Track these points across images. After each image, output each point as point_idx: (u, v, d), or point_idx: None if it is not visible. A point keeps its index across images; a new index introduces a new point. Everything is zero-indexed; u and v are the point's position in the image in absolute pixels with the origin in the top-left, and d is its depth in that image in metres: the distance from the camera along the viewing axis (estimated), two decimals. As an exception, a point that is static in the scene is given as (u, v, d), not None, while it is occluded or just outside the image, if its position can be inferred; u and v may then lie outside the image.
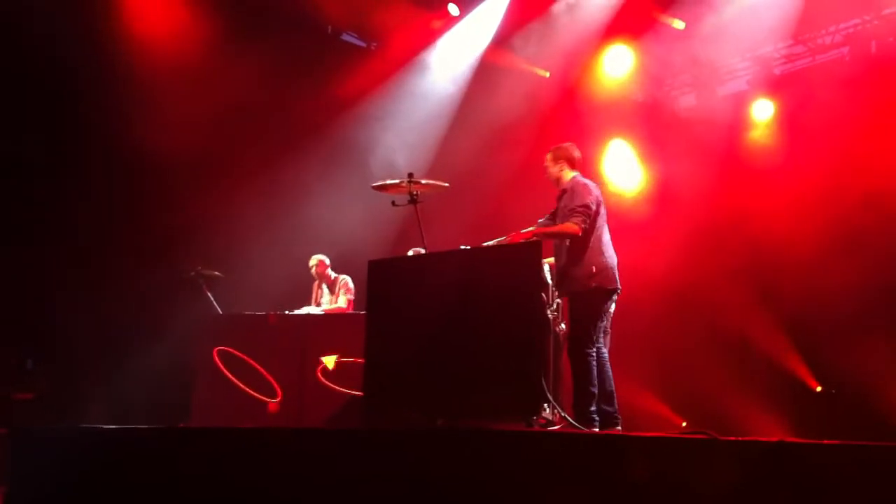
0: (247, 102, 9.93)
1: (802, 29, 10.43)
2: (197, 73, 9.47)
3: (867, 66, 10.02)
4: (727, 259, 10.39)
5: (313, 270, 9.14)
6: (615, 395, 6.28)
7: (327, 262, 9.18)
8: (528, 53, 11.22)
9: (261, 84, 10.18)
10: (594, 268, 6.19)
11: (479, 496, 4.26)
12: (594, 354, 6.18)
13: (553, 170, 6.58)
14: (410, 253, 7.66)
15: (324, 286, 9.17)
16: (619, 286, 6.32)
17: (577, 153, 6.62)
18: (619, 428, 6.18)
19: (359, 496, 4.59)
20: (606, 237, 6.37)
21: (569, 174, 6.52)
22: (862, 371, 9.25)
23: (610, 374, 6.29)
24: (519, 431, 4.76)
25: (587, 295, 6.21)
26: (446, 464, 4.41)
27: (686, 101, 11.80)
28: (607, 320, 6.38)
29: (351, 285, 9.04)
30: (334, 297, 9.07)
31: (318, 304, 9.10)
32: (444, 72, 11.18)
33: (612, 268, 6.28)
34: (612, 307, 6.38)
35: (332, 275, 9.15)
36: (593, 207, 6.27)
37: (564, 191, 6.44)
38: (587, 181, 6.49)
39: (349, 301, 8.99)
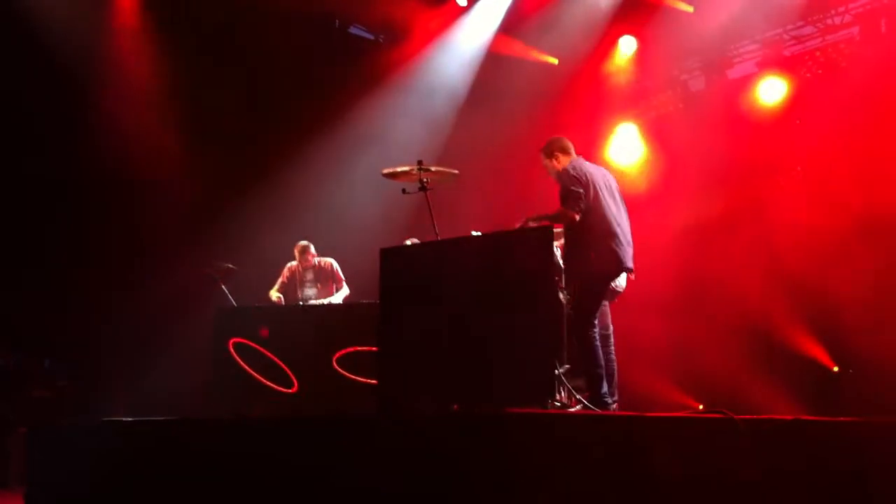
0: (258, 95, 9.99)
1: (811, 9, 10.37)
2: (208, 68, 9.52)
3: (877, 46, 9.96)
4: (742, 241, 10.34)
5: (303, 256, 8.93)
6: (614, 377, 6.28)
7: (313, 248, 9.08)
8: (537, 41, 11.20)
9: (272, 77, 10.23)
10: (593, 254, 6.10)
11: (495, 479, 4.27)
12: (595, 335, 6.14)
13: (552, 165, 6.40)
14: (407, 244, 7.76)
15: (308, 273, 9.02)
16: (628, 266, 6.19)
17: (566, 141, 6.45)
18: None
19: (376, 482, 4.61)
20: (610, 219, 6.15)
21: (565, 163, 6.34)
22: (880, 351, 9.20)
23: (607, 354, 6.29)
24: (534, 413, 4.76)
25: (586, 280, 6.16)
26: (462, 448, 4.42)
27: (695, 85, 11.73)
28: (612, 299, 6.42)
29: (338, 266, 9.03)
30: (326, 283, 9.02)
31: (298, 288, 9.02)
32: (453, 61, 11.17)
33: (614, 251, 6.11)
34: (622, 286, 6.40)
35: (317, 261, 9.02)
36: (581, 190, 6.10)
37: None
38: (576, 164, 6.29)
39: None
